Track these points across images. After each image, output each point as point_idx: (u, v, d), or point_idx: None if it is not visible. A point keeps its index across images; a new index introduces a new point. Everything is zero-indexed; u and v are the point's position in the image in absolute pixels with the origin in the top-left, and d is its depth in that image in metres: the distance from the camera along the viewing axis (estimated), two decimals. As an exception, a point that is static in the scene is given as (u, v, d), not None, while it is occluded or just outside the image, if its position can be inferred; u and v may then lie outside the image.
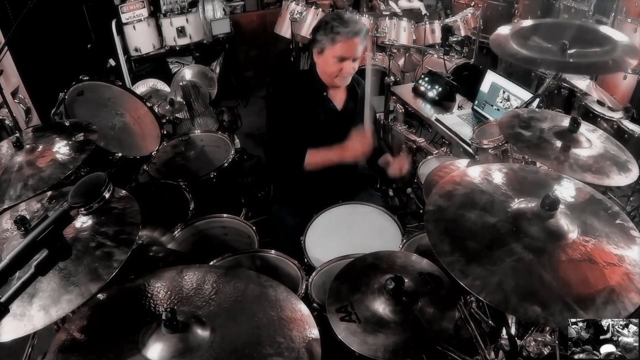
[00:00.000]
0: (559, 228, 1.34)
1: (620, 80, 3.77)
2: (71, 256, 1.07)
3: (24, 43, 3.48)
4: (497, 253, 1.28)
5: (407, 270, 1.61)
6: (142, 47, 5.00)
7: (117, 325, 1.31)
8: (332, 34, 2.19)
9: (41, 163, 1.86)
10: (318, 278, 1.88)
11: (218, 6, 5.19)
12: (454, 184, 1.52)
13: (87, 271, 1.30)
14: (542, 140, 1.78)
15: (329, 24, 2.21)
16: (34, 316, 1.24)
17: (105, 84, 2.60)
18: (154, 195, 2.51)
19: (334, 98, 2.43)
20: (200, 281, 1.43)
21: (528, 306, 1.16)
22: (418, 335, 1.41)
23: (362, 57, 2.31)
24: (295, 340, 1.24)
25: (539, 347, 1.58)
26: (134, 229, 1.42)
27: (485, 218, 1.38)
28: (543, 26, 2.49)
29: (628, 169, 1.72)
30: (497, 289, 1.19)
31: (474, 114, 3.27)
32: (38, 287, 1.27)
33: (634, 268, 1.26)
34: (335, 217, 2.26)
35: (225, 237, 2.25)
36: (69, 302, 1.24)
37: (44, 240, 0.99)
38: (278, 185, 2.46)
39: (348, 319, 1.45)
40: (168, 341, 1.19)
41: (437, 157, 2.85)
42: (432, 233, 1.35)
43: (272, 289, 1.42)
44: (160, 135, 2.58)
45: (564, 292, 1.19)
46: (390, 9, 5.05)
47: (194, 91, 3.68)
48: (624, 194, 2.94)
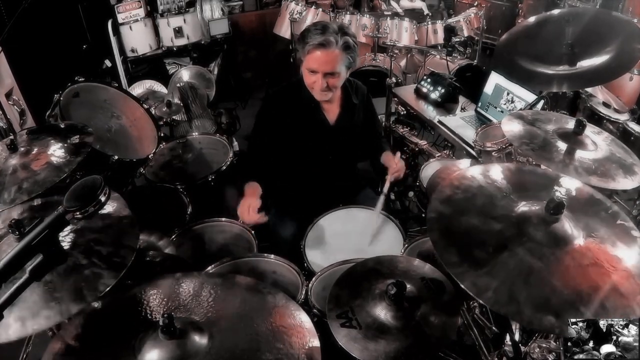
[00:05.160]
0: (564, 232, 1.32)
1: (626, 81, 3.78)
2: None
3: (18, 43, 3.44)
4: (504, 260, 1.25)
5: (409, 276, 1.59)
6: (138, 48, 4.97)
7: (112, 332, 1.29)
8: (304, 43, 2.11)
9: (36, 166, 1.83)
10: (318, 283, 1.85)
11: (216, 6, 5.17)
12: (454, 188, 1.49)
13: (72, 289, 1.27)
14: (547, 143, 1.76)
15: (305, 33, 2.14)
16: (11, 326, 1.21)
17: (101, 85, 2.57)
18: (151, 198, 2.49)
19: (327, 112, 2.35)
20: (198, 288, 1.41)
21: (542, 316, 1.13)
22: (420, 341, 1.39)
23: (338, 74, 2.15)
24: (295, 346, 1.23)
25: (543, 354, 1.57)
26: (128, 253, 1.37)
27: (490, 224, 1.36)
28: (542, 32, 2.53)
29: (634, 172, 1.70)
30: (509, 300, 1.16)
31: (477, 116, 3.25)
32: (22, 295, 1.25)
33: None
34: (336, 221, 2.23)
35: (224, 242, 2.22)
36: (47, 318, 1.22)
37: (38, 244, 0.98)
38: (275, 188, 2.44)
39: (349, 325, 1.43)
40: (165, 347, 1.18)
41: (440, 160, 2.82)
42: (437, 243, 1.33)
43: (271, 296, 1.40)
44: (157, 138, 2.55)
45: (575, 299, 1.16)
46: (391, 9, 5.04)
47: (192, 93, 3.67)
48: (630, 198, 2.92)
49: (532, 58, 2.50)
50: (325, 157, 2.40)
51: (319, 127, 2.34)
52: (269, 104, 2.46)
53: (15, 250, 0.95)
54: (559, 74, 2.38)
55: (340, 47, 2.08)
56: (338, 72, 2.14)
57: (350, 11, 4.78)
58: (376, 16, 4.72)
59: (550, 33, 2.53)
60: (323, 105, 2.32)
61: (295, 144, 2.34)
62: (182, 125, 3.54)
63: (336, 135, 2.36)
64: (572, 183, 1.54)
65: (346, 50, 2.10)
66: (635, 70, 3.72)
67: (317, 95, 2.23)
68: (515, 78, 2.83)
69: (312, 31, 2.11)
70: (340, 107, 2.38)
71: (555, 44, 2.45)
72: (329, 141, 2.36)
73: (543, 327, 1.13)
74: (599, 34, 2.40)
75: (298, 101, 2.29)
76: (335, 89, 2.21)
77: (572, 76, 2.34)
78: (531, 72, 2.46)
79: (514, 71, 2.61)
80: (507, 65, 2.68)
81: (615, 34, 2.36)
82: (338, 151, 2.41)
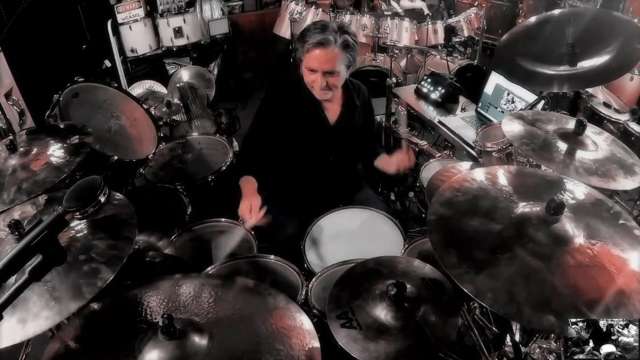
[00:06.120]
0: (565, 232, 1.31)
1: (627, 82, 3.78)
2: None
3: (18, 43, 3.44)
4: (504, 261, 1.25)
5: (409, 276, 1.58)
6: (138, 48, 4.97)
7: (112, 333, 1.29)
8: (303, 42, 2.11)
9: (35, 166, 1.82)
10: (318, 284, 1.85)
11: (216, 6, 5.16)
12: (454, 190, 1.49)
13: (70, 287, 1.26)
14: (547, 143, 1.76)
15: (305, 32, 2.14)
16: (12, 329, 1.20)
17: (100, 85, 2.57)
18: (151, 199, 2.49)
19: (328, 111, 2.34)
20: (198, 289, 1.41)
21: (542, 316, 1.13)
22: (420, 342, 1.39)
23: (338, 73, 2.14)
24: (295, 347, 1.23)
25: (543, 355, 1.56)
26: (126, 245, 1.37)
27: (489, 225, 1.35)
28: (542, 33, 2.54)
29: (635, 173, 1.70)
30: (509, 301, 1.16)
31: (477, 116, 3.25)
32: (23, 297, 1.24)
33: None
34: (336, 221, 2.23)
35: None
36: (46, 319, 1.21)
37: (38, 245, 0.98)
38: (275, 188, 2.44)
39: (349, 326, 1.43)
40: (165, 348, 1.17)
41: (440, 160, 2.82)
42: (437, 244, 1.32)
43: (271, 297, 1.40)
44: (157, 138, 2.55)
45: (576, 299, 1.16)
46: (392, 9, 5.04)
47: (192, 93, 3.66)
48: (631, 198, 2.92)
49: (532, 58, 2.50)
50: (325, 157, 2.40)
51: (318, 126, 2.34)
52: (269, 103, 2.45)
53: (15, 250, 0.95)
54: (560, 74, 2.38)
55: (340, 45, 2.08)
56: (337, 71, 2.13)
57: (350, 11, 4.78)
58: (376, 16, 4.72)
59: (551, 33, 2.54)
60: (324, 104, 2.32)
61: (295, 143, 2.34)
62: (181, 126, 3.54)
63: (336, 135, 2.36)
64: (573, 186, 1.54)
65: (346, 49, 2.10)
66: (636, 71, 3.72)
67: (317, 94, 2.22)
68: (515, 78, 2.83)
69: (311, 30, 2.11)
70: (342, 108, 2.37)
71: (555, 44, 2.45)
72: (329, 141, 2.36)
73: (543, 327, 1.13)
74: (599, 34, 2.41)
75: (298, 101, 2.29)
76: (335, 88, 2.21)
77: (573, 76, 2.35)
78: (531, 72, 2.46)
79: (515, 71, 2.61)
80: (508, 66, 2.68)
81: (616, 34, 2.36)
82: (338, 151, 2.40)
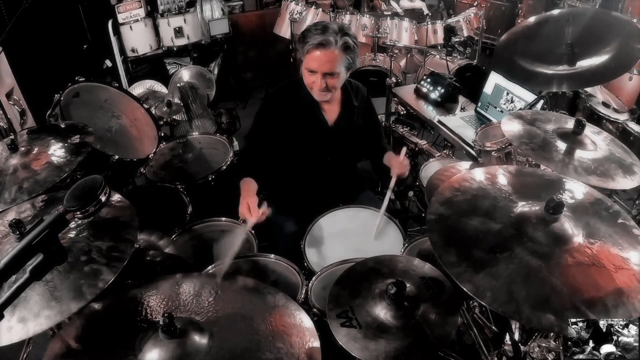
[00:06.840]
0: (564, 232, 1.32)
1: (626, 81, 3.79)
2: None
3: (19, 43, 3.44)
4: (504, 260, 1.25)
5: (408, 275, 1.59)
6: (139, 48, 4.97)
7: (113, 332, 1.29)
8: (304, 43, 2.11)
9: (36, 166, 1.83)
10: (318, 283, 1.85)
11: (216, 6, 5.16)
12: (454, 190, 1.50)
13: (71, 287, 1.26)
14: (546, 143, 1.76)
15: (305, 32, 2.14)
16: (13, 327, 1.21)
17: (101, 85, 2.57)
18: (151, 198, 2.48)
19: (327, 112, 2.34)
20: (198, 288, 1.41)
21: (541, 315, 1.14)
22: (420, 341, 1.39)
23: (338, 75, 2.14)
24: (295, 346, 1.24)
25: (543, 353, 1.56)
26: (127, 246, 1.37)
27: (489, 224, 1.36)
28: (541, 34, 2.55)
29: (633, 172, 1.70)
30: (508, 299, 1.16)
31: (477, 116, 3.25)
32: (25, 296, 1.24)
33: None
34: (336, 220, 2.23)
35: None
36: (47, 318, 1.22)
37: (39, 244, 0.98)
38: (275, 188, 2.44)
39: (349, 325, 1.43)
40: (165, 347, 1.18)
41: (439, 160, 2.82)
42: (437, 244, 1.33)
43: (271, 296, 1.41)
44: (158, 138, 2.55)
45: (575, 298, 1.17)
46: (391, 9, 5.05)
47: (192, 93, 3.66)
48: (629, 197, 2.92)
49: (531, 58, 2.51)
50: (324, 157, 2.40)
51: (317, 127, 2.34)
52: (268, 103, 2.45)
53: (16, 249, 0.95)
54: (559, 74, 2.38)
55: (340, 47, 2.08)
56: (337, 72, 2.13)
57: (350, 11, 4.78)
58: (376, 16, 4.72)
59: (550, 33, 2.55)
60: (322, 105, 2.32)
61: (294, 144, 2.34)
62: (182, 125, 3.54)
63: (334, 136, 2.36)
64: (572, 185, 1.54)
65: (346, 50, 2.10)
66: (635, 70, 3.73)
67: (316, 96, 2.22)
68: (515, 78, 2.83)
69: (312, 31, 2.10)
70: (340, 109, 2.37)
71: (554, 44, 2.46)
72: (327, 142, 2.36)
73: (542, 326, 1.13)
74: (598, 34, 2.41)
75: (297, 101, 2.29)
76: (334, 90, 2.21)
77: (572, 76, 2.35)
78: (531, 72, 2.47)
79: (514, 71, 2.62)
80: (507, 65, 2.69)
81: (615, 34, 2.37)
82: (336, 152, 2.41)
